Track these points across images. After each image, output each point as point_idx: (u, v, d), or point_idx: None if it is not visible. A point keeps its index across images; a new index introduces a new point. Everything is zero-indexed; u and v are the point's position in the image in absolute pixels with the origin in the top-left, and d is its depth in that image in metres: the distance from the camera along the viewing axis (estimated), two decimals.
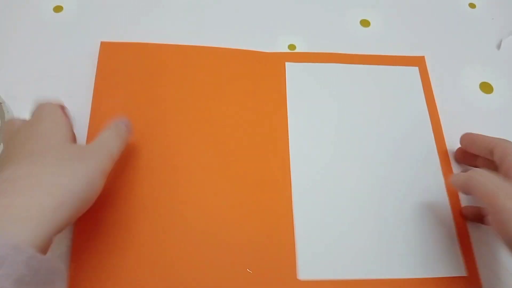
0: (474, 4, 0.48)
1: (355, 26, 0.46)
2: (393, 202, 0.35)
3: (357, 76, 0.41)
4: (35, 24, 0.42)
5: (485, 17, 0.48)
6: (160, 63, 0.40)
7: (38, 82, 0.39)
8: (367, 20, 0.46)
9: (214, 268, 0.31)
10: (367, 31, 0.45)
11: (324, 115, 0.39)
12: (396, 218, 0.34)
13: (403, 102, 0.40)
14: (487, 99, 0.42)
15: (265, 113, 0.38)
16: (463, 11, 0.48)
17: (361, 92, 0.40)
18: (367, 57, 0.42)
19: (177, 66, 0.40)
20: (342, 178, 0.36)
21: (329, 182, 0.35)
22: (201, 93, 0.38)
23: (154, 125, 0.36)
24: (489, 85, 0.42)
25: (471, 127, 0.40)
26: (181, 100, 0.38)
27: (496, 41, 0.46)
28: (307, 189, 0.35)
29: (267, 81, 0.40)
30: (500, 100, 0.42)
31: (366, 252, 0.33)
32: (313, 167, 0.36)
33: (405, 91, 0.41)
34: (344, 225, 0.34)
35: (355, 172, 0.36)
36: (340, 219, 0.34)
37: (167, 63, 0.40)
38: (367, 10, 0.47)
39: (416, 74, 0.42)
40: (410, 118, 0.39)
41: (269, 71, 0.41)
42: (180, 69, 0.39)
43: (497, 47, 0.45)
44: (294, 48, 0.44)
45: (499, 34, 0.46)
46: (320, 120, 0.38)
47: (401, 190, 0.36)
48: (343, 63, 0.42)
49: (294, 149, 0.37)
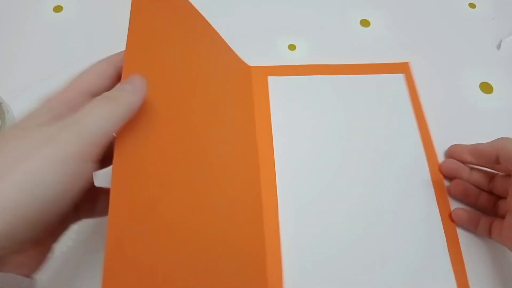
0: (474, 4, 0.48)
1: (355, 26, 0.46)
2: (381, 215, 0.34)
3: (341, 88, 0.41)
4: (35, 24, 0.42)
5: (485, 17, 0.48)
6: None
7: (38, 82, 0.39)
8: (367, 20, 0.46)
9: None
10: (367, 31, 0.45)
11: (308, 129, 0.38)
12: (384, 232, 0.34)
13: (389, 111, 0.39)
14: (487, 99, 0.42)
15: (248, 129, 0.37)
16: (463, 11, 0.48)
17: (346, 104, 0.40)
18: (351, 67, 0.42)
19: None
20: (328, 193, 0.35)
21: (316, 197, 0.35)
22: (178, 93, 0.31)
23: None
24: (489, 85, 0.42)
25: (471, 127, 0.40)
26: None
27: (496, 41, 0.46)
28: (293, 204, 0.34)
29: (250, 96, 0.39)
30: (500, 100, 0.42)
31: (354, 266, 0.32)
32: (299, 179, 0.35)
33: (391, 100, 0.40)
34: (332, 241, 0.33)
35: (342, 186, 0.35)
36: (328, 236, 0.33)
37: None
38: (367, 10, 0.47)
39: (402, 81, 0.41)
40: (397, 127, 0.38)
41: (252, 86, 0.40)
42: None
43: (497, 47, 0.45)
44: (294, 48, 0.44)
45: (499, 34, 0.46)
46: (304, 134, 0.38)
47: (389, 202, 0.35)
48: (326, 74, 0.41)
49: (279, 163, 0.36)
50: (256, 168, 0.36)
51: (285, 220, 0.34)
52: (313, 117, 0.39)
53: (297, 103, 0.40)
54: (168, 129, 0.26)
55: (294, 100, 0.40)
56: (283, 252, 0.32)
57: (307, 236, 0.33)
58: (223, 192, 0.31)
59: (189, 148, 0.28)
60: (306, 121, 0.39)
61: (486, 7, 0.48)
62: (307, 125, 0.38)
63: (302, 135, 0.38)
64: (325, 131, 0.38)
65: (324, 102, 0.40)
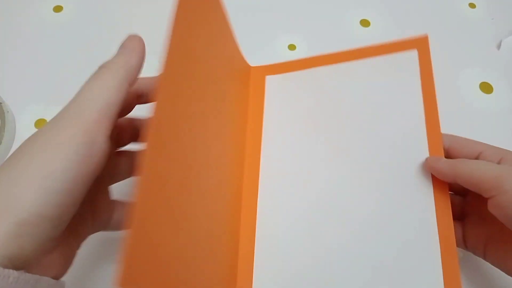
0: (474, 4, 0.48)
1: (355, 26, 0.46)
2: (372, 217, 0.29)
3: (343, 77, 0.35)
4: (35, 24, 0.42)
5: (485, 17, 0.48)
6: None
7: (38, 82, 0.39)
8: (367, 20, 0.46)
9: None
10: (367, 31, 0.45)
11: (301, 130, 0.34)
12: (374, 237, 0.29)
13: (395, 101, 0.32)
14: (487, 99, 0.42)
15: (238, 130, 0.34)
16: (463, 11, 0.48)
17: (348, 94, 0.34)
18: (355, 52, 0.35)
19: None
20: (315, 195, 0.31)
21: (300, 199, 0.31)
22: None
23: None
24: (489, 85, 0.42)
25: (471, 127, 0.40)
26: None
27: (496, 41, 0.46)
28: (274, 204, 0.31)
29: (245, 94, 0.36)
30: (500, 100, 0.42)
31: (338, 272, 0.28)
32: (284, 183, 0.32)
33: (398, 86, 0.33)
34: (316, 247, 0.29)
35: (330, 186, 0.31)
36: (312, 241, 0.30)
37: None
38: (367, 10, 0.47)
39: (414, 61, 0.33)
40: (402, 121, 0.32)
41: (248, 84, 0.37)
42: None
43: (497, 47, 0.45)
44: (294, 48, 0.43)
45: (499, 34, 0.46)
46: (296, 133, 0.34)
47: (382, 210, 0.29)
48: (326, 64, 0.36)
49: (264, 163, 0.33)
50: (240, 166, 0.33)
51: (263, 215, 0.31)
52: (307, 115, 0.34)
53: (292, 100, 0.36)
54: (185, 129, 0.25)
55: (289, 98, 0.36)
56: (256, 242, 0.30)
57: (286, 231, 0.30)
58: (211, 188, 0.29)
59: (197, 148, 0.27)
60: (299, 121, 0.34)
61: (486, 7, 0.48)
62: (299, 124, 0.34)
63: (293, 134, 0.34)
64: (318, 130, 0.33)
65: (324, 95, 0.35)
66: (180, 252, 0.23)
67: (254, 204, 0.31)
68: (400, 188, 0.30)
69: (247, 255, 0.30)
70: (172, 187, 0.22)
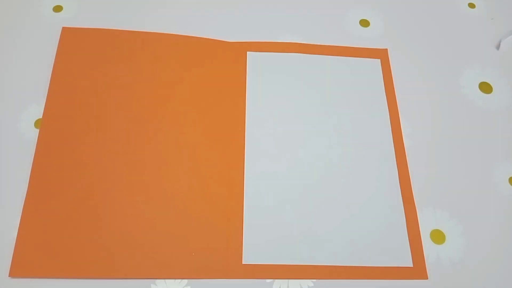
0: (474, 4, 0.49)
1: (355, 26, 0.46)
2: (344, 192, 0.36)
3: (319, 67, 0.42)
4: (35, 24, 0.42)
5: (484, 17, 0.48)
6: (120, 49, 0.40)
7: (38, 82, 0.39)
8: (366, 20, 0.46)
9: (158, 250, 0.32)
10: (367, 31, 0.46)
11: (282, 106, 0.40)
12: (346, 207, 0.35)
13: (363, 94, 0.41)
14: (487, 99, 0.42)
15: (223, 102, 0.39)
16: (463, 11, 0.48)
17: (322, 82, 0.41)
18: (331, 48, 0.43)
19: (136, 53, 0.40)
20: (295, 167, 0.37)
21: (282, 170, 0.36)
22: (159, 80, 0.39)
23: (110, 111, 0.37)
24: (489, 85, 0.43)
25: (470, 127, 0.40)
26: (138, 86, 0.38)
27: (495, 41, 0.46)
28: (259, 177, 0.36)
29: (227, 70, 0.40)
30: (500, 100, 0.42)
31: (313, 239, 0.33)
32: (268, 156, 0.37)
33: (366, 83, 0.41)
34: (294, 213, 0.35)
35: (308, 161, 0.37)
36: (290, 207, 0.35)
37: (126, 49, 0.40)
38: (367, 10, 0.47)
39: (378, 67, 0.42)
40: (369, 109, 0.40)
41: (230, 60, 0.41)
42: (139, 56, 0.40)
43: (497, 47, 0.45)
44: None
45: (499, 34, 0.46)
46: (278, 110, 0.39)
47: (352, 179, 0.36)
48: (306, 53, 0.42)
49: (250, 138, 0.38)
50: (226, 140, 0.37)
51: (250, 193, 0.35)
52: (288, 93, 0.40)
53: (273, 79, 0.41)
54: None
55: (270, 76, 0.41)
56: (244, 221, 0.34)
57: (270, 210, 0.35)
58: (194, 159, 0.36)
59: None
60: (280, 98, 0.40)
61: (485, 7, 0.48)
62: (281, 101, 0.40)
63: (275, 111, 0.39)
64: (297, 109, 0.40)
65: (300, 80, 0.41)
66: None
67: (242, 172, 0.36)
68: (368, 158, 0.38)
69: (237, 212, 0.34)
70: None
